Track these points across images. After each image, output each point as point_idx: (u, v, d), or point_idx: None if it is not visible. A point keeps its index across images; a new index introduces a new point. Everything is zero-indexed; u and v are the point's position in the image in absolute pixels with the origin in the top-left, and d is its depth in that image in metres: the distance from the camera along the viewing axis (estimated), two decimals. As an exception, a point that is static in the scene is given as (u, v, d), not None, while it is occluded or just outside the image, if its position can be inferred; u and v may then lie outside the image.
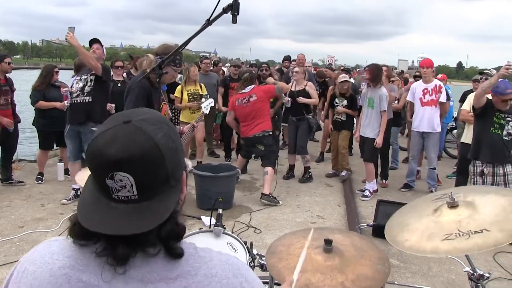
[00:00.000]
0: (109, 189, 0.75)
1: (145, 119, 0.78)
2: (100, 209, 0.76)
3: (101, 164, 0.74)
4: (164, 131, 0.78)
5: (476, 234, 1.48)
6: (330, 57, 18.34)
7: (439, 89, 5.46)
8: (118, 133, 0.75)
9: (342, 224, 4.54)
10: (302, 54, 7.74)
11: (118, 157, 0.73)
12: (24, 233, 3.92)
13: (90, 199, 0.79)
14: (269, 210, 4.83)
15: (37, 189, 5.28)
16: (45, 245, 0.84)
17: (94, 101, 4.56)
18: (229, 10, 1.73)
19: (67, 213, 4.39)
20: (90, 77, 4.59)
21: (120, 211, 0.75)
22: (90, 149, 0.77)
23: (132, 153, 0.73)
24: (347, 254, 1.72)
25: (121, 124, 0.77)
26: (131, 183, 0.74)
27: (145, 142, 0.75)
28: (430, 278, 3.36)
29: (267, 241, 3.86)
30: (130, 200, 0.76)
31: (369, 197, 5.33)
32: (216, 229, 2.06)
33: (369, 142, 5.37)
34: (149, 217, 0.76)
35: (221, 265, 0.82)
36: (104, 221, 0.75)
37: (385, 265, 1.72)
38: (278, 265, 1.68)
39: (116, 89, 5.78)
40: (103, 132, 0.77)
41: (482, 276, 1.62)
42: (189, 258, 0.81)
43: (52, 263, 0.79)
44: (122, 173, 0.73)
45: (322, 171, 6.68)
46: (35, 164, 6.00)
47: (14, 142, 5.39)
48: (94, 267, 0.77)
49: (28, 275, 0.80)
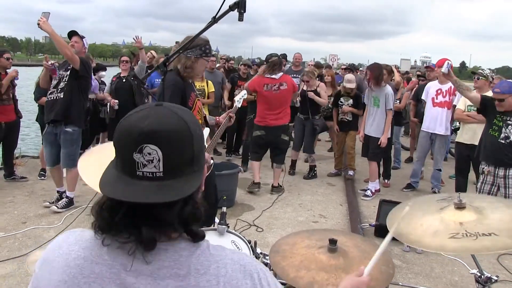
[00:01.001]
0: (134, 164, 0.76)
1: (176, 106, 0.84)
2: (124, 185, 0.77)
3: (132, 137, 0.76)
4: (192, 118, 0.83)
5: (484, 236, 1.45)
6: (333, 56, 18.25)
7: (454, 92, 5.29)
8: (151, 112, 0.79)
9: (344, 223, 4.54)
10: (298, 53, 7.66)
11: (151, 128, 0.75)
12: (27, 228, 3.93)
13: (112, 178, 0.80)
14: (271, 209, 4.82)
15: (39, 185, 5.29)
16: (64, 236, 0.87)
17: (66, 99, 4.19)
18: (236, 8, 1.72)
19: (69, 210, 4.39)
20: (66, 73, 4.24)
21: (144, 187, 0.76)
22: (121, 126, 0.79)
23: (164, 127, 0.76)
24: (351, 255, 1.72)
25: (153, 106, 0.81)
26: (158, 157, 0.76)
27: (177, 122, 0.79)
28: (433, 279, 3.35)
29: (269, 239, 3.85)
30: (154, 177, 0.77)
31: (371, 197, 5.32)
32: (220, 227, 2.05)
33: (374, 141, 5.35)
34: (173, 192, 0.77)
35: (233, 265, 0.82)
36: (126, 193, 0.76)
37: (389, 266, 1.72)
38: (282, 263, 1.68)
39: (119, 85, 5.80)
40: (135, 112, 0.80)
41: (490, 278, 1.61)
42: (200, 255, 0.81)
43: (68, 253, 0.81)
44: (152, 145, 0.75)
45: (324, 170, 6.67)
46: (38, 160, 6.01)
47: (15, 137, 5.41)
48: (108, 260, 0.78)
49: (47, 263, 0.83)
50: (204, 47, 2.69)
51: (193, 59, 2.70)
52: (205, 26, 1.90)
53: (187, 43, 2.17)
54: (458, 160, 5.14)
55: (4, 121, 5.08)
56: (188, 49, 2.56)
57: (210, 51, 2.75)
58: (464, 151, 4.92)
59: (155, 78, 6.02)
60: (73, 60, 4.09)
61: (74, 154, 4.31)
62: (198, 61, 2.71)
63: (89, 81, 4.47)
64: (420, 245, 1.59)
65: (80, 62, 4.15)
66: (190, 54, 2.67)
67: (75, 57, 4.09)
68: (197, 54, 2.68)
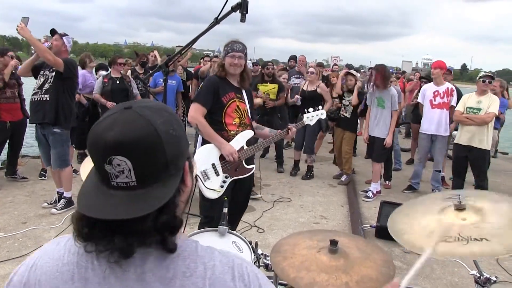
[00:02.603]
0: (108, 175, 0.75)
1: (147, 106, 0.78)
2: (99, 197, 0.76)
3: (100, 148, 0.75)
4: (164, 118, 0.78)
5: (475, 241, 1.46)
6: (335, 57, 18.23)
7: (451, 93, 5.37)
8: (118, 118, 0.76)
9: (345, 225, 4.53)
10: (303, 56, 8.02)
11: (115, 140, 0.73)
12: (27, 229, 3.93)
13: (90, 187, 0.79)
14: (272, 210, 4.82)
15: (40, 185, 5.29)
16: (53, 242, 0.86)
17: (52, 100, 4.11)
18: (238, 9, 1.72)
19: (70, 210, 4.39)
20: (51, 73, 4.16)
21: (119, 198, 0.75)
22: (90, 135, 0.77)
23: (129, 136, 0.73)
24: (352, 256, 1.72)
25: (122, 110, 0.77)
26: (129, 168, 0.73)
27: (144, 127, 0.74)
28: (433, 281, 3.35)
29: (270, 240, 3.85)
30: (128, 186, 0.75)
31: (372, 198, 5.32)
32: (221, 228, 2.05)
33: (378, 142, 5.34)
34: (147, 203, 0.74)
35: (221, 267, 0.80)
36: (101, 207, 0.74)
37: (390, 267, 1.72)
38: (282, 263, 1.68)
39: (115, 87, 5.72)
40: (104, 119, 0.77)
41: (489, 279, 1.61)
42: (186, 257, 0.79)
43: (59, 259, 0.80)
44: (119, 157, 0.73)
45: (325, 171, 6.68)
46: (39, 160, 6.01)
47: (21, 137, 5.41)
48: (97, 265, 0.78)
49: (36, 270, 0.81)
50: (227, 46, 2.93)
51: (222, 60, 2.98)
52: (207, 27, 1.91)
53: (188, 44, 2.18)
54: (455, 161, 5.15)
55: (10, 120, 5.06)
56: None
57: (232, 48, 2.91)
58: (461, 152, 4.94)
59: (159, 78, 6.02)
60: (56, 64, 4.03)
61: (64, 154, 4.30)
62: (225, 60, 2.93)
63: (76, 81, 4.39)
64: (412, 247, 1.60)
65: (64, 64, 4.07)
66: (222, 56, 3.01)
67: (57, 61, 4.01)
68: (223, 55, 2.96)
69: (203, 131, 2.85)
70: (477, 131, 4.78)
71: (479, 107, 4.80)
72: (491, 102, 4.75)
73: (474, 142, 4.78)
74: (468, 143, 4.82)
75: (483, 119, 4.73)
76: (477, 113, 4.80)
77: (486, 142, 4.78)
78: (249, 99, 3.07)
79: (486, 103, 4.76)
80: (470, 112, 4.85)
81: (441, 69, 5.45)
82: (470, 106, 4.86)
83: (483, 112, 4.76)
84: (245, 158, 2.95)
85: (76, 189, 4.64)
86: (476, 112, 4.81)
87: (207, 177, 2.83)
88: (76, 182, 5.04)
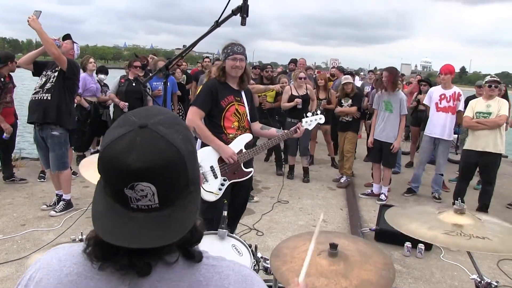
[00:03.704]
0: (127, 198, 0.71)
1: (161, 122, 0.74)
2: (118, 220, 0.72)
3: (119, 174, 0.69)
4: (182, 134, 0.75)
5: (478, 239, 1.47)
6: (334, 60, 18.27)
7: (458, 97, 5.32)
8: (136, 139, 0.70)
9: (345, 227, 4.53)
10: (303, 59, 8.15)
11: (139, 167, 0.68)
12: (26, 231, 3.92)
13: (104, 209, 0.74)
14: (271, 213, 4.82)
15: (39, 187, 5.28)
16: (52, 252, 0.83)
17: (53, 100, 4.11)
18: (238, 12, 1.72)
19: (69, 212, 4.38)
20: (53, 73, 4.17)
21: (141, 221, 0.72)
22: (104, 156, 0.71)
23: (154, 163, 0.69)
24: (352, 259, 1.71)
25: (137, 129, 0.71)
26: (152, 192, 0.70)
27: (167, 150, 0.71)
28: (433, 284, 3.34)
29: (269, 243, 3.85)
30: (150, 208, 0.72)
31: (385, 201, 5.29)
32: (221, 232, 2.05)
33: (387, 147, 5.30)
34: (173, 226, 0.73)
35: (234, 276, 0.80)
36: (125, 233, 0.71)
37: (390, 271, 1.71)
38: (282, 268, 1.67)
39: (130, 88, 5.83)
40: (118, 138, 0.71)
41: (490, 284, 1.61)
42: (201, 267, 0.79)
43: (60, 270, 0.78)
44: (144, 183, 0.69)
45: (324, 174, 6.67)
46: (38, 162, 6.00)
47: (14, 139, 5.42)
48: (103, 274, 0.76)
49: (36, 282, 0.79)
50: (227, 49, 2.89)
51: (222, 62, 2.94)
52: (208, 30, 1.91)
53: (189, 47, 2.18)
54: (464, 166, 5.02)
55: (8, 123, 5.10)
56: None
57: (232, 50, 2.88)
58: (472, 158, 4.83)
59: (153, 81, 6.02)
60: (59, 59, 4.02)
61: (63, 157, 4.29)
62: (225, 63, 2.91)
63: (76, 83, 4.39)
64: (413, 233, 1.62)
65: (68, 63, 4.09)
66: (221, 59, 2.95)
67: (62, 57, 4.02)
68: (223, 58, 2.91)
69: (201, 135, 2.84)
70: (490, 135, 4.73)
71: (489, 111, 4.74)
72: (501, 105, 4.71)
73: (489, 147, 4.71)
74: (483, 149, 4.72)
75: (495, 122, 4.67)
76: (487, 117, 4.74)
77: (500, 145, 4.71)
78: (248, 101, 3.06)
79: (495, 107, 4.72)
80: (480, 116, 4.79)
81: (451, 74, 5.43)
82: (480, 111, 4.79)
83: (493, 116, 4.71)
84: (243, 161, 2.94)
85: (75, 191, 4.63)
86: (487, 116, 4.75)
87: (206, 179, 2.83)
88: (75, 184, 5.03)
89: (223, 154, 2.85)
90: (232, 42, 2.92)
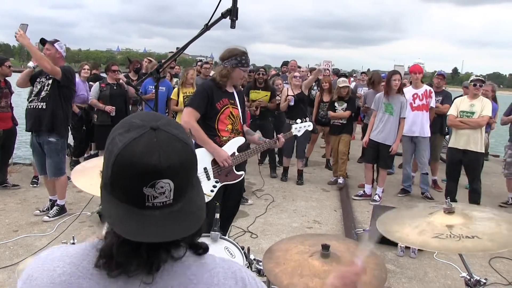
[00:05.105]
0: (144, 197, 0.74)
1: (167, 123, 0.78)
2: (134, 220, 0.75)
3: (140, 173, 0.73)
4: (185, 133, 0.81)
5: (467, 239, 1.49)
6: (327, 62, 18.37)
7: (429, 94, 5.56)
8: (153, 140, 0.74)
9: (339, 229, 4.54)
10: (294, 61, 8.19)
11: (162, 166, 0.73)
12: (19, 237, 3.89)
13: (121, 213, 0.76)
14: (265, 215, 4.82)
15: (32, 192, 5.24)
16: (47, 252, 0.85)
17: (48, 109, 4.09)
18: (228, 15, 1.73)
19: (62, 217, 4.35)
20: (47, 81, 4.13)
21: (157, 218, 0.76)
22: (122, 160, 0.73)
23: (175, 161, 0.74)
24: (344, 259, 1.72)
25: (150, 131, 0.75)
26: (170, 188, 0.75)
27: (184, 149, 0.77)
28: (426, 284, 3.36)
29: (263, 246, 3.85)
30: (164, 205, 0.76)
31: (378, 201, 5.33)
32: (213, 234, 2.05)
33: (384, 149, 5.32)
34: (186, 219, 0.78)
35: (224, 273, 0.83)
36: (144, 230, 0.74)
37: (382, 270, 1.72)
38: (275, 270, 1.68)
39: (113, 92, 5.83)
40: (133, 141, 0.73)
41: (479, 281, 1.63)
42: (191, 265, 0.81)
43: (53, 269, 0.79)
44: (165, 180, 0.74)
45: (318, 176, 6.69)
46: (31, 167, 5.97)
47: (12, 145, 5.39)
48: (96, 274, 0.77)
49: (31, 282, 0.81)
50: (240, 57, 2.84)
51: (229, 68, 2.86)
52: (197, 33, 1.92)
53: (179, 50, 2.18)
54: (449, 165, 5.20)
55: (3, 128, 5.10)
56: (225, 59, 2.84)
57: (247, 62, 2.88)
58: (456, 156, 4.98)
59: (149, 84, 6.02)
60: (54, 72, 4.00)
61: (60, 163, 4.27)
62: (234, 71, 2.86)
63: (72, 88, 4.33)
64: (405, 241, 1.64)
65: (62, 72, 4.05)
66: (226, 64, 2.86)
67: (55, 69, 3.99)
68: (232, 64, 2.84)
69: (196, 136, 2.85)
70: (472, 135, 4.84)
71: (473, 110, 4.85)
72: (484, 105, 4.81)
73: (469, 145, 4.84)
74: (464, 147, 4.87)
75: (477, 122, 4.79)
76: (470, 116, 4.86)
77: (480, 145, 4.84)
78: (241, 102, 3.08)
79: (479, 107, 4.82)
80: (464, 115, 4.91)
81: (420, 73, 5.69)
82: (464, 110, 4.92)
83: (476, 115, 4.82)
84: (236, 164, 2.95)
85: (68, 196, 4.60)
86: (470, 115, 4.87)
87: None
88: (69, 189, 5.00)
89: (218, 157, 2.85)
90: (244, 51, 2.88)
